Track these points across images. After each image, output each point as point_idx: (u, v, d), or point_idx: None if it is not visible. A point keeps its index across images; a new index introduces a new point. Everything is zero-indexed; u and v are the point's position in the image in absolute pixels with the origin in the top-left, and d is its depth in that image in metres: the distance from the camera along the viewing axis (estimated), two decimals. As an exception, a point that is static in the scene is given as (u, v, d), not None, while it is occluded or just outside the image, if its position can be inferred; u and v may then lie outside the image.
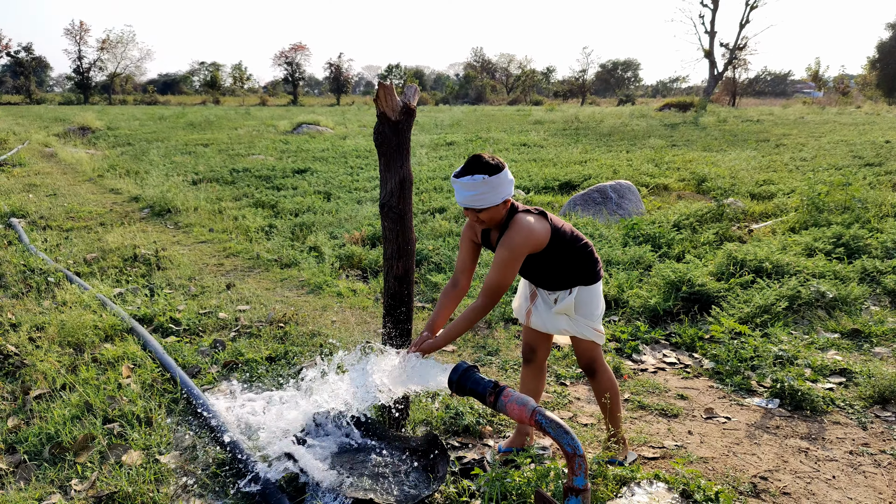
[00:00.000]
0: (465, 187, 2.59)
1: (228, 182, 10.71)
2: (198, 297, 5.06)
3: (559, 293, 2.79)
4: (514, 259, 2.59)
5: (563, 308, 2.76)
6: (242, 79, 67.50)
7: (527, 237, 2.59)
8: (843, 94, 43.31)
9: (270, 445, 2.85)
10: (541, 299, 2.85)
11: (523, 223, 2.61)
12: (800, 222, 7.04)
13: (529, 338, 3.00)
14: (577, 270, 2.74)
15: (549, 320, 2.82)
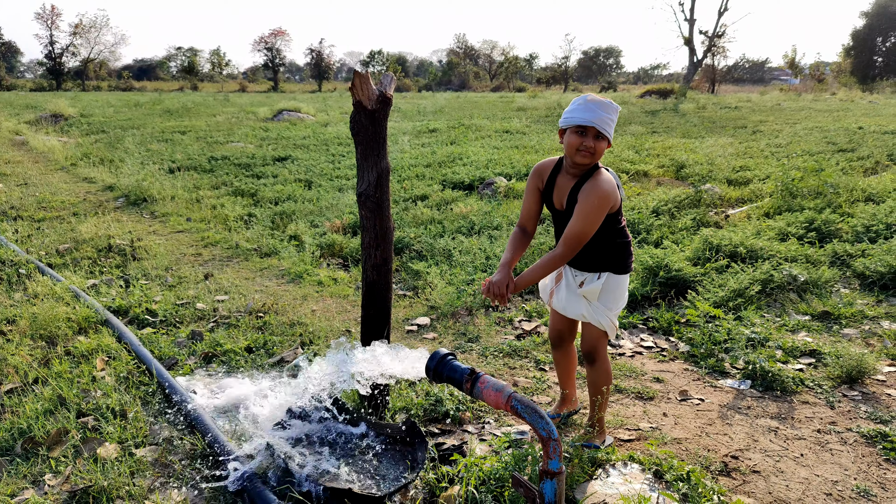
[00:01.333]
0: (602, 108, 2.52)
1: (207, 170, 10.60)
2: (175, 287, 5.02)
3: (587, 276, 2.77)
4: (599, 209, 2.53)
5: (588, 291, 2.75)
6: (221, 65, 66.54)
7: (611, 191, 2.56)
8: (818, 81, 43.81)
9: (249, 435, 2.86)
10: (566, 281, 2.84)
11: (609, 177, 2.61)
12: (774, 207, 7.15)
13: (556, 324, 3.03)
14: (614, 255, 2.73)
15: (569, 303, 2.82)
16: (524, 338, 4.21)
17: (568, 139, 2.56)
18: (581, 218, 2.53)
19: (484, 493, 2.48)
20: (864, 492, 2.56)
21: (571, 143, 2.55)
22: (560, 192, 2.71)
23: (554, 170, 2.75)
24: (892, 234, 5.82)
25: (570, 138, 2.55)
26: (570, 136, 2.55)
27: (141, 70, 69.96)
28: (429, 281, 5.16)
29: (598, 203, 2.52)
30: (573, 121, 2.52)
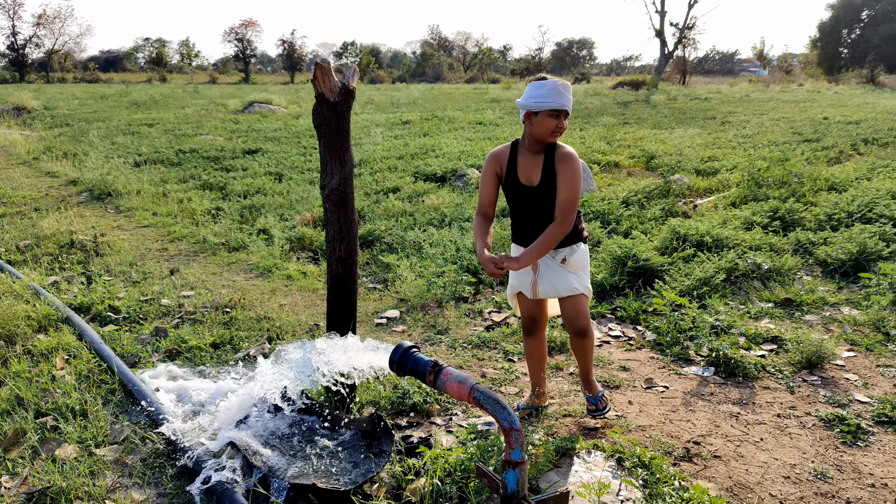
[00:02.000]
0: (568, 91, 2.67)
1: (174, 163, 10.42)
2: (139, 283, 4.94)
3: (565, 250, 2.87)
4: (580, 174, 2.72)
5: (573, 262, 2.87)
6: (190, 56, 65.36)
7: (579, 160, 2.75)
8: (786, 72, 44.56)
9: (212, 432, 2.83)
10: (545, 266, 2.90)
11: (570, 148, 2.77)
12: (740, 197, 7.26)
13: (530, 311, 3.07)
14: (578, 225, 2.89)
15: (559, 281, 2.88)
16: (493, 329, 4.22)
17: (543, 121, 2.68)
18: (570, 186, 2.70)
19: (449, 485, 2.48)
20: (821, 474, 2.62)
21: (547, 125, 2.68)
22: (527, 170, 2.80)
23: (511, 153, 2.85)
24: (853, 222, 5.95)
25: (546, 121, 2.68)
26: (544, 119, 2.68)
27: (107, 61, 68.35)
28: (399, 273, 5.15)
29: (578, 169, 2.72)
30: (550, 105, 2.64)
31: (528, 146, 2.80)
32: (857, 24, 41.61)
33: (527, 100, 2.70)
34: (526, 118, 2.74)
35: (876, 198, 6.37)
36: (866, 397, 3.23)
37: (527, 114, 2.73)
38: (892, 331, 3.97)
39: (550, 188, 2.76)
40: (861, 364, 3.62)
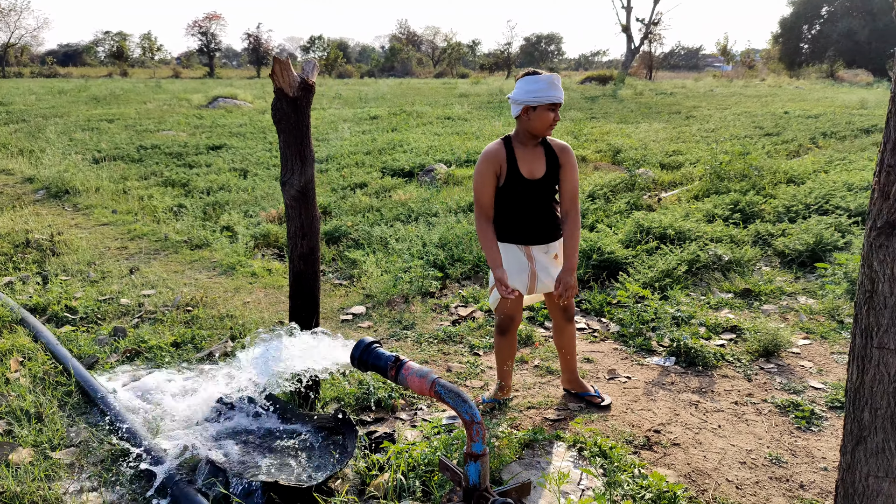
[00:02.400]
0: (559, 83, 2.74)
1: (135, 160, 10.20)
2: (97, 283, 4.82)
3: (554, 244, 2.97)
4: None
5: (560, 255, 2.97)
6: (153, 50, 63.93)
7: None
8: (749, 67, 45.46)
9: (173, 433, 2.78)
10: (540, 263, 2.96)
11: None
12: (703, 190, 7.39)
13: (514, 310, 3.06)
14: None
15: (554, 274, 2.95)
16: (459, 323, 4.23)
17: (541, 115, 2.75)
18: (575, 175, 2.88)
19: (413, 479, 2.48)
20: (777, 459, 2.69)
21: (545, 119, 2.76)
22: (529, 164, 2.86)
23: (507, 150, 2.86)
24: (810, 213, 6.11)
25: (544, 115, 2.75)
26: (543, 113, 2.75)
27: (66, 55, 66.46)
28: (365, 269, 5.13)
29: (575, 162, 2.89)
30: (549, 99, 2.71)
31: (525, 140, 2.85)
32: (816, 20, 42.57)
33: (524, 95, 2.74)
34: (523, 113, 2.77)
35: (832, 190, 6.55)
36: (820, 384, 3.32)
37: (524, 109, 2.77)
38: (845, 319, 4.10)
39: (553, 180, 2.87)
40: (816, 351, 3.72)
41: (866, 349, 1.38)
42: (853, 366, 1.43)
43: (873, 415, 1.39)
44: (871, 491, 1.42)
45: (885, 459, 1.39)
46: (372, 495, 2.49)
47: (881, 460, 1.39)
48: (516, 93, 2.77)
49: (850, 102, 17.68)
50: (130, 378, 3.31)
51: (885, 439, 1.38)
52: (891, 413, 1.36)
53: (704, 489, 2.49)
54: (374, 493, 2.50)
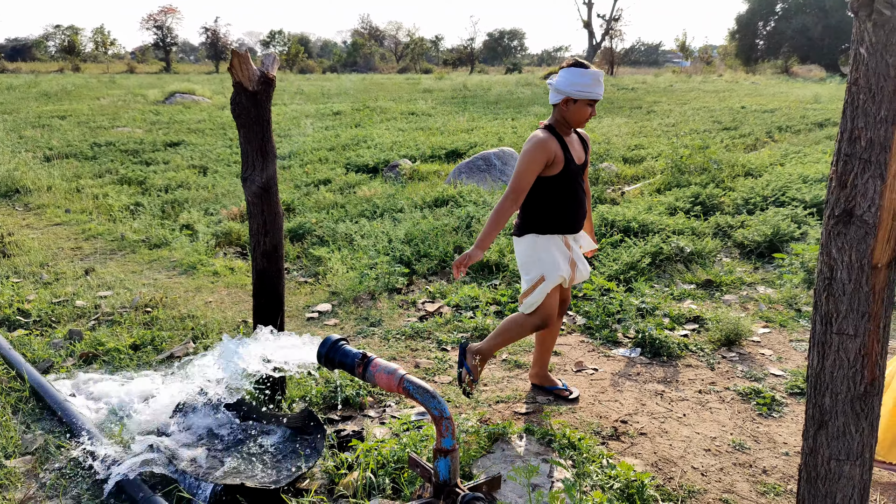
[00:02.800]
0: (602, 79, 2.77)
1: (89, 157, 9.89)
2: (51, 285, 4.66)
3: (581, 233, 3.04)
4: None
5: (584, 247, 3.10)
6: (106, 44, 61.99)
7: None
8: (706, 63, 46.41)
9: (133, 437, 2.70)
10: (574, 249, 2.99)
11: None
12: (665, 183, 7.51)
13: (556, 300, 3.01)
14: None
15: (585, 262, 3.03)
16: (427, 319, 4.21)
17: (580, 109, 2.79)
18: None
19: (382, 477, 2.46)
20: (740, 445, 2.74)
21: (583, 113, 2.80)
22: (575, 149, 2.93)
23: (557, 138, 2.86)
24: (768, 205, 6.26)
25: (583, 109, 2.79)
26: (582, 107, 2.78)
27: (14, 50, 64.01)
28: (330, 266, 5.07)
29: None
30: (592, 95, 2.74)
31: (565, 129, 2.88)
32: (771, 16, 43.63)
33: (569, 87, 2.74)
34: (562, 103, 2.79)
35: (788, 182, 6.73)
36: (780, 371, 3.40)
37: (565, 99, 2.78)
38: (803, 308, 4.21)
39: (586, 165, 2.98)
40: (775, 339, 3.81)
41: (826, 335, 1.41)
42: (813, 352, 1.46)
43: (834, 399, 1.42)
44: (834, 473, 1.45)
45: (846, 442, 1.42)
46: (341, 494, 2.46)
47: (842, 443, 1.43)
48: (560, 81, 2.76)
49: (804, 97, 18.19)
50: (88, 382, 3.20)
51: (846, 423, 1.41)
52: (850, 397, 1.40)
53: (671, 477, 2.53)
54: (343, 493, 2.47)
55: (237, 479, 2.50)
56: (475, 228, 5.80)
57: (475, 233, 5.71)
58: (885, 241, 1.27)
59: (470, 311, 4.30)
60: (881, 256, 1.28)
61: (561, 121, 2.85)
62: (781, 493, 2.44)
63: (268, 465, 2.63)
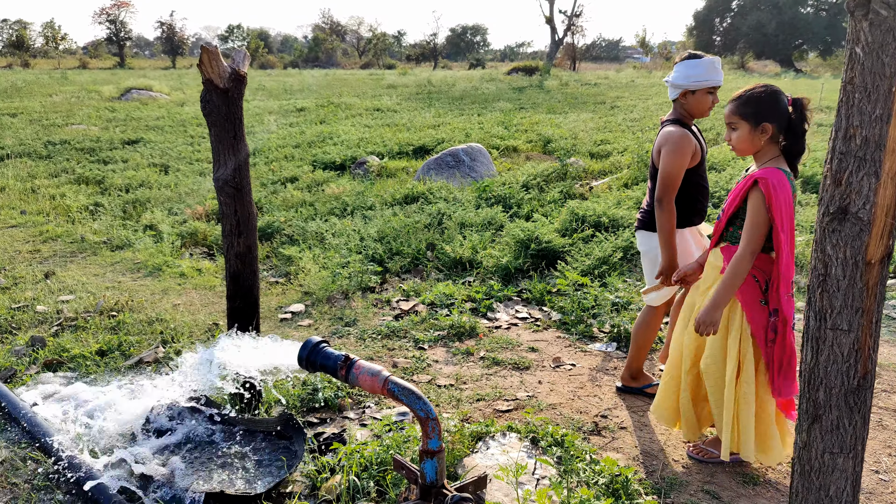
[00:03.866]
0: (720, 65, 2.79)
1: (43, 156, 9.55)
2: (9, 289, 4.47)
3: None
4: None
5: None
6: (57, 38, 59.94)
7: None
8: (666, 59, 47.21)
9: (105, 446, 2.61)
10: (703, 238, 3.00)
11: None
12: (632, 178, 7.61)
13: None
14: None
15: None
16: (402, 317, 4.18)
17: (700, 99, 2.79)
18: None
19: (366, 480, 2.42)
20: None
21: (704, 102, 2.80)
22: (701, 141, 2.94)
23: (690, 131, 2.85)
24: (731, 198, 6.38)
25: (703, 98, 2.79)
26: (702, 96, 2.79)
27: (-41, 45, 61.40)
28: (301, 266, 4.98)
29: None
30: (713, 82, 2.76)
31: (688, 120, 2.88)
32: (728, 13, 44.64)
33: (685, 80, 2.76)
34: (681, 97, 2.81)
35: (750, 175, 6.87)
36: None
37: (683, 92, 2.80)
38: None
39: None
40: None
41: (820, 331, 1.43)
42: (807, 347, 1.48)
43: (828, 394, 1.44)
44: (827, 466, 1.48)
45: (840, 436, 1.45)
46: (324, 499, 2.41)
47: (836, 437, 1.45)
48: (675, 76, 2.79)
49: (760, 92, 18.66)
50: (53, 390, 3.08)
51: (840, 416, 1.44)
52: (844, 391, 1.42)
53: (653, 470, 2.55)
54: (326, 497, 2.42)
55: (216, 486, 2.43)
56: (446, 225, 5.78)
57: (447, 230, 5.69)
58: (879, 238, 1.29)
59: (445, 308, 4.28)
60: (875, 253, 1.31)
61: (684, 113, 2.87)
62: (760, 482, 2.49)
63: (247, 472, 2.57)
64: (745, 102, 2.32)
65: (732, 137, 2.37)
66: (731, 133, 2.38)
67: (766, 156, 2.34)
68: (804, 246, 4.84)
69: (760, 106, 2.29)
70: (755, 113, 2.29)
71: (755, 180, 2.24)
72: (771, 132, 2.29)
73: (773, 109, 2.29)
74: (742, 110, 2.32)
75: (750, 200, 2.26)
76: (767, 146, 2.32)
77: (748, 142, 2.33)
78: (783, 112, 2.29)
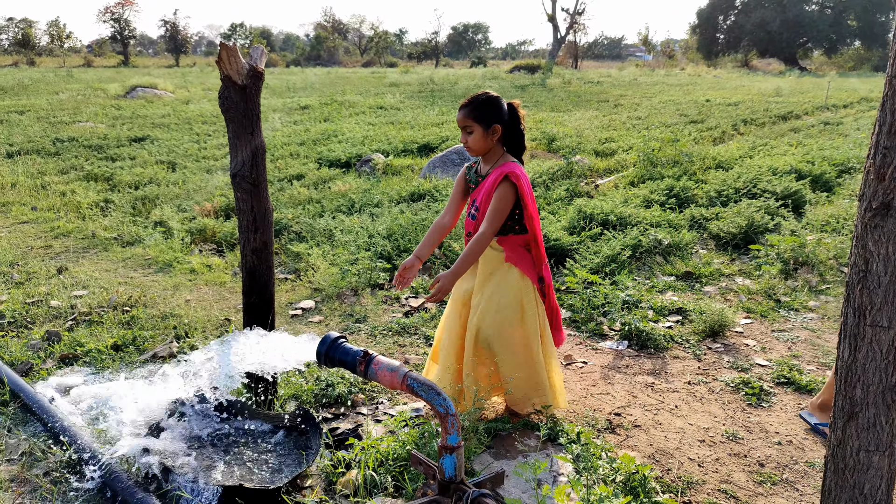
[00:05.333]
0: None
1: (52, 153, 9.58)
2: (23, 284, 4.50)
3: None
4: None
5: None
6: (62, 37, 59.99)
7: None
8: (669, 57, 47.20)
9: (124, 439, 2.63)
10: None
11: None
12: (638, 176, 7.61)
13: None
14: None
15: None
16: (412, 314, 4.19)
17: None
18: None
19: (383, 475, 2.44)
20: (733, 435, 2.80)
21: None
22: None
23: None
24: (740, 197, 6.39)
25: None
26: None
27: (-36, 42, 61.43)
28: (311, 263, 5.00)
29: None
30: None
31: None
32: (731, 10, 44.53)
33: None
34: None
35: (759, 175, 6.88)
36: (765, 361, 3.48)
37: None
38: (782, 298, 4.32)
39: None
40: (757, 330, 3.90)
41: (859, 327, 1.43)
42: (845, 344, 1.49)
43: (865, 391, 1.45)
44: (863, 465, 1.48)
45: (876, 434, 1.45)
46: (341, 493, 2.43)
47: (872, 435, 1.46)
48: None
49: (765, 90, 18.64)
50: (71, 384, 3.10)
51: (877, 414, 1.44)
52: (882, 388, 1.43)
53: (669, 468, 2.57)
54: (343, 491, 2.44)
55: (234, 480, 2.45)
56: (455, 223, 5.79)
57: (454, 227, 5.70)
58: (922, 234, 1.29)
59: (456, 306, 4.29)
60: (917, 249, 1.30)
61: None
62: (778, 482, 2.50)
63: (265, 466, 2.59)
64: (476, 108, 2.59)
65: (469, 140, 2.63)
66: (466, 136, 2.63)
67: (497, 153, 2.67)
68: (814, 245, 4.85)
69: (490, 110, 2.59)
70: (486, 116, 2.59)
71: (506, 175, 2.56)
72: (500, 133, 2.62)
73: (499, 113, 2.61)
74: (475, 115, 2.59)
75: (499, 190, 2.57)
76: (497, 146, 2.66)
77: (482, 142, 2.62)
78: (506, 115, 2.63)
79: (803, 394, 3.15)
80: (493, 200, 2.57)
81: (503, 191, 2.56)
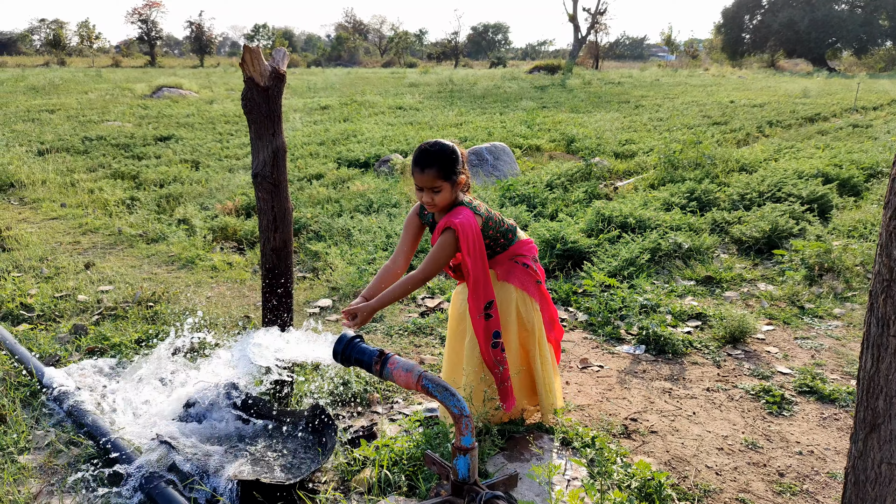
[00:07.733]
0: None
1: (81, 151, 9.76)
2: (52, 279, 4.61)
3: None
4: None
5: None
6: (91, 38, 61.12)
7: None
8: (692, 57, 46.69)
9: (145, 433, 2.68)
10: None
11: None
12: (658, 179, 7.55)
13: None
14: None
15: None
16: (428, 315, 4.21)
17: None
18: None
19: (397, 474, 2.46)
20: (752, 444, 2.77)
21: None
22: None
23: None
24: (764, 201, 6.31)
25: None
26: None
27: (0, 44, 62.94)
28: (329, 262, 5.05)
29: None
30: None
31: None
32: (758, 10, 43.88)
33: None
34: None
35: (784, 178, 6.78)
36: (787, 369, 3.44)
37: None
38: (806, 304, 4.25)
39: None
40: (780, 337, 3.85)
41: (882, 338, 1.40)
42: (867, 354, 1.46)
43: (888, 402, 1.41)
44: (884, 477, 1.45)
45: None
46: (356, 490, 2.46)
47: (894, 447, 1.43)
48: None
49: (792, 91, 18.35)
50: (97, 377, 3.17)
51: (900, 426, 1.41)
52: (905, 400, 1.40)
53: (685, 476, 2.55)
54: (357, 489, 2.47)
55: (252, 474, 2.49)
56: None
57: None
58: (949, 243, 1.26)
59: (473, 307, 4.30)
60: (943, 257, 1.27)
61: None
62: (798, 493, 2.46)
63: (281, 462, 2.63)
64: (443, 166, 2.52)
65: (435, 198, 2.55)
66: (431, 195, 2.55)
67: (453, 195, 2.60)
68: (840, 251, 4.77)
69: (454, 163, 2.54)
70: (452, 171, 2.54)
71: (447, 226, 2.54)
72: (465, 181, 2.62)
73: (458, 160, 2.57)
74: (443, 173, 2.52)
75: (441, 239, 2.55)
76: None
77: (450, 197, 2.58)
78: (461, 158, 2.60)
79: (826, 403, 3.10)
80: (435, 247, 2.57)
81: (444, 240, 2.55)
